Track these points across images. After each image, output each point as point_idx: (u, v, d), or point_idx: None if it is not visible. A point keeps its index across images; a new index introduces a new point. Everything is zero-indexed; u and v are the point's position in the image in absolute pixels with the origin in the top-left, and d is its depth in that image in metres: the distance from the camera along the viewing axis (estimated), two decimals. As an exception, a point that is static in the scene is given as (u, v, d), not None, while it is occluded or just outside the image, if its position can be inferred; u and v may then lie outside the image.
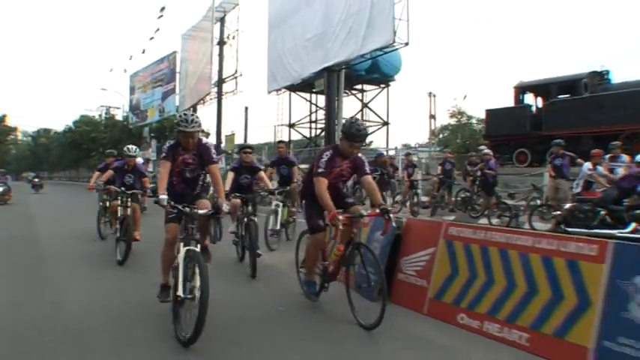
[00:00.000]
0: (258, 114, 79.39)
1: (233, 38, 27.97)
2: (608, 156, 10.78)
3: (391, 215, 4.40)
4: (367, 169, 4.76)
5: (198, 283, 3.77)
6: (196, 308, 3.68)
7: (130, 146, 8.33)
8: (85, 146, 52.49)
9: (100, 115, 56.77)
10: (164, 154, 4.64)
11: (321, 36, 19.45)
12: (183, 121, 4.43)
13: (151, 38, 39.11)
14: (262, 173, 7.41)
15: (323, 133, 25.38)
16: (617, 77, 19.37)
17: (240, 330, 4.24)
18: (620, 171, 10.63)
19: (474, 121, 26.10)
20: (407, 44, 15.62)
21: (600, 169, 9.49)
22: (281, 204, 7.97)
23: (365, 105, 28.65)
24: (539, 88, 19.00)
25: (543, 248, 3.68)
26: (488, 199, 11.57)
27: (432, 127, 29.58)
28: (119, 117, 54.03)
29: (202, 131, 4.71)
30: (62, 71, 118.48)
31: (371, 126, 27.79)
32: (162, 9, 29.19)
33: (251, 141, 26.77)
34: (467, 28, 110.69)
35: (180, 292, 3.88)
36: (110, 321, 4.38)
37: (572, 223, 8.13)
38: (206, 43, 29.79)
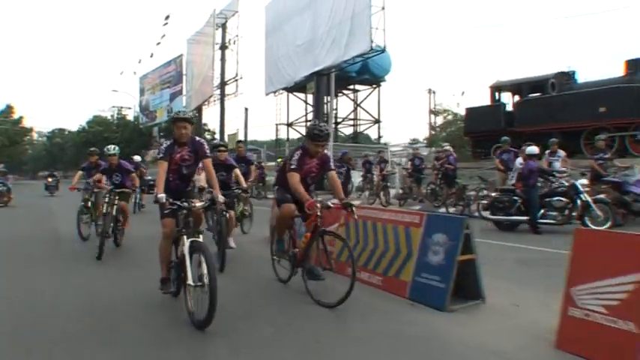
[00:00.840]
0: (259, 113, 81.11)
1: (234, 43, 29.70)
2: (547, 151, 12.34)
3: (354, 208, 4.81)
4: (332, 165, 5.24)
5: (205, 271, 3.94)
6: (207, 294, 3.84)
7: (109, 146, 8.35)
8: (98, 145, 54.24)
9: (112, 116, 58.74)
10: (161, 155, 4.81)
11: (309, 43, 21.15)
12: (175, 115, 4.97)
13: (158, 43, 40.90)
14: (237, 171, 7.54)
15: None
16: (583, 77, 20.45)
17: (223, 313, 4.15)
18: (557, 164, 12.20)
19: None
20: (383, 51, 17.30)
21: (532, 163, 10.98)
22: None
23: (358, 105, 30.22)
24: (512, 87, 20.38)
25: (391, 219, 5.26)
26: (448, 190, 13.17)
27: (431, 122, 31.24)
28: (130, 117, 55.86)
29: (192, 123, 4.96)
30: (76, 74, 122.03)
31: (364, 123, 29.45)
32: (167, 17, 31.06)
33: (251, 139, 28.47)
34: (468, 29, 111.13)
35: (190, 282, 4.05)
36: (111, 313, 4.45)
37: (494, 211, 9.76)
38: (209, 47, 31.51)
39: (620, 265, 3.20)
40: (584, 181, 9.21)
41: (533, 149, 9.62)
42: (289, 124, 30.40)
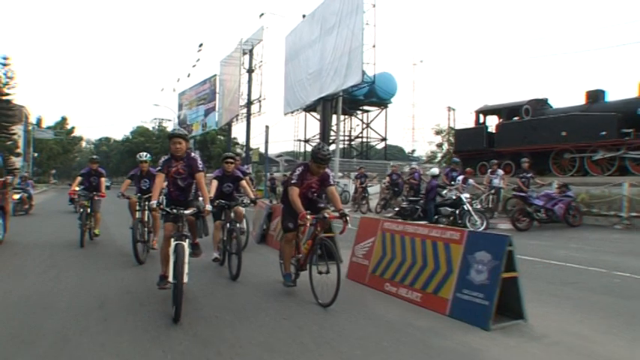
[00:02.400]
0: (281, 130, 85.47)
1: (259, 67, 33.26)
2: (489, 170, 15.09)
3: (348, 218, 5.10)
4: (331, 181, 5.54)
5: (186, 270, 4.37)
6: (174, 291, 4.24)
7: (141, 153, 8.72)
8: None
9: (154, 127, 63.54)
10: (159, 168, 5.21)
11: (318, 72, 24.47)
12: (172, 131, 5.51)
13: (194, 66, 45.41)
14: (244, 182, 7.54)
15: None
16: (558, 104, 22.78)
17: (241, 301, 5.08)
18: (496, 181, 14.93)
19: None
20: (373, 83, 20.40)
21: (471, 181, 13.74)
22: (243, 224, 8.38)
23: (367, 125, 33.30)
24: (493, 111, 22.99)
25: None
26: (396, 199, 16.15)
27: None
28: (170, 128, 60.29)
29: (187, 140, 5.36)
30: (122, 89, 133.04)
31: (372, 140, 32.48)
32: (201, 45, 35.31)
33: (271, 153, 31.88)
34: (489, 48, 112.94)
35: (170, 279, 4.46)
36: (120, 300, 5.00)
37: (403, 216, 12.75)
38: (238, 70, 35.31)
39: (367, 234, 6.27)
40: (467, 195, 12.01)
41: (435, 171, 12.80)
42: (306, 141, 33.73)
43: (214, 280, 6.38)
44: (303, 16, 27.22)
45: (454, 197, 11.73)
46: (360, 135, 33.29)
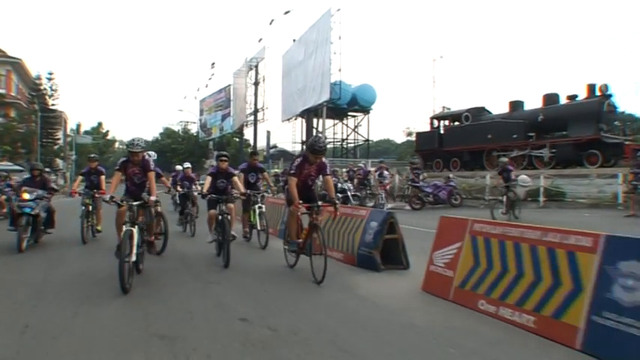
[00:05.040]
0: (282, 133, 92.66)
1: (263, 81, 38.98)
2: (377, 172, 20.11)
3: (338, 206, 5.81)
4: (328, 171, 6.15)
5: (135, 251, 5.28)
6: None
7: (150, 152, 9.20)
8: (168, 154, 62.42)
9: (179, 130, 69.60)
10: (117, 167, 6.20)
11: (302, 88, 30.11)
12: (130, 144, 6.11)
13: (209, 78, 51.06)
14: (236, 178, 7.83)
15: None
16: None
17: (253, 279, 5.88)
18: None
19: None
20: (339, 98, 25.86)
21: (386, 174, 18.83)
22: (263, 206, 8.73)
23: (353, 129, 38.35)
24: (444, 117, 28.01)
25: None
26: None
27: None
28: (193, 131, 65.64)
29: (146, 149, 6.27)
30: (152, 95, 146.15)
31: (358, 142, 37.93)
32: (213, 64, 41.10)
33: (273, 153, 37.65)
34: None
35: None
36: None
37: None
38: (245, 82, 41.13)
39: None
40: (350, 185, 17.10)
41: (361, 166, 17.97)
42: (303, 143, 39.22)
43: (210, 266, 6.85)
44: (294, 40, 32.83)
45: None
46: (347, 137, 38.57)
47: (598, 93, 20.46)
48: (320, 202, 5.98)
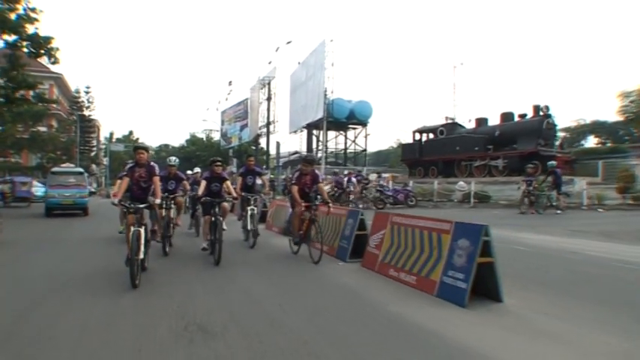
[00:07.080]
0: (290, 144, 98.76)
1: (274, 97, 43.70)
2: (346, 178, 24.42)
3: (330, 206, 7.36)
4: (320, 179, 7.65)
5: (142, 249, 5.71)
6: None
7: (171, 157, 9.62)
8: (193, 159, 64.27)
9: (203, 139, 74.66)
10: (124, 173, 6.57)
11: (304, 105, 34.75)
12: (135, 145, 7.32)
13: (228, 93, 55.81)
14: (228, 182, 8.41)
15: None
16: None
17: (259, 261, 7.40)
18: (382, 182, 24.51)
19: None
20: (331, 116, 30.47)
21: (354, 180, 23.09)
22: (255, 209, 9.27)
23: (353, 141, 42.55)
24: (424, 131, 32.06)
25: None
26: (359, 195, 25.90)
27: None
28: (216, 138, 69.21)
29: (147, 151, 6.55)
30: (178, 105, 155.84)
31: (357, 152, 42.30)
32: (230, 82, 45.94)
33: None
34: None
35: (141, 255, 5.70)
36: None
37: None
38: (258, 97, 45.92)
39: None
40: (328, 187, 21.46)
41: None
42: (308, 152, 43.88)
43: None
44: (299, 63, 37.83)
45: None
46: (347, 147, 42.91)
47: (541, 113, 24.42)
48: (317, 202, 7.54)
